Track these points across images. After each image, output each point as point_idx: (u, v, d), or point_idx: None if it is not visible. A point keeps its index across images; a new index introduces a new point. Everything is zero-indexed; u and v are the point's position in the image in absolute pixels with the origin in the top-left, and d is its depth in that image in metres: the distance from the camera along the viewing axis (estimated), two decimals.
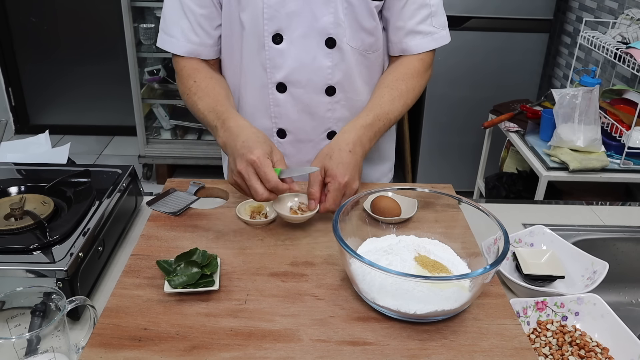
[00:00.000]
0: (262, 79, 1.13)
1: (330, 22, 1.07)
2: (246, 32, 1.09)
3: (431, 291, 0.75)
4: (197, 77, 1.12)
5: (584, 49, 2.63)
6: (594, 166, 1.96)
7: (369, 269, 0.76)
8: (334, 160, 1.00)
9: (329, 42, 1.09)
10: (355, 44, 1.11)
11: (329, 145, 1.04)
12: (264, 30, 1.07)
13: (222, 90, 1.12)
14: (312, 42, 1.08)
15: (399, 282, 0.75)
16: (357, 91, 1.17)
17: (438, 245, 0.92)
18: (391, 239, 0.92)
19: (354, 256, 0.76)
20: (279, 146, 1.19)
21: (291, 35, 1.08)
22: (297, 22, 1.06)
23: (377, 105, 1.10)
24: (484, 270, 0.74)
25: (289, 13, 1.06)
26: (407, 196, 1.01)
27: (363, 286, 0.79)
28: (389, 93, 1.12)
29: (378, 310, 0.80)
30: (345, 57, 1.11)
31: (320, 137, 1.19)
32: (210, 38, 1.13)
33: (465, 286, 0.76)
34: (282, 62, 1.10)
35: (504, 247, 0.78)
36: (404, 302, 0.76)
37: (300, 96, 1.13)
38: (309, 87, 1.12)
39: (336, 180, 0.98)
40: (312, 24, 1.07)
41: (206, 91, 1.10)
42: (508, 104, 2.51)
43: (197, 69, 1.14)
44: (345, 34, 1.09)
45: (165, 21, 1.14)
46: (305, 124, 1.17)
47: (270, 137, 1.17)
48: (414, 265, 0.82)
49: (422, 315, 0.76)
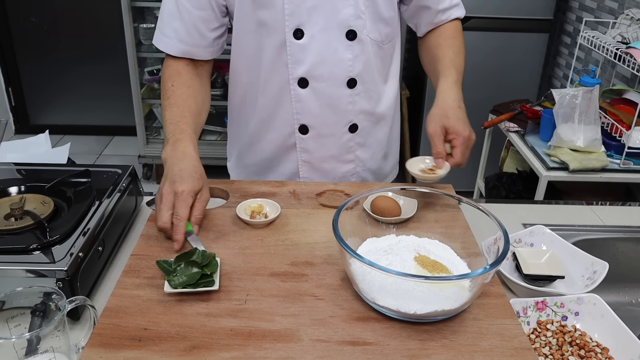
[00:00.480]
0: (283, 76, 1.13)
1: (351, 14, 1.08)
2: (265, 30, 1.10)
3: (431, 291, 0.75)
4: (175, 81, 1.12)
5: (584, 49, 2.63)
6: (594, 166, 1.96)
7: (369, 269, 0.76)
8: (451, 118, 1.07)
9: (350, 34, 1.09)
10: (373, 35, 1.13)
11: (438, 106, 1.10)
12: (285, 26, 1.07)
13: (194, 105, 1.11)
14: (333, 35, 1.09)
15: (399, 282, 0.75)
16: (375, 82, 1.18)
17: (438, 245, 0.92)
18: (391, 239, 0.92)
19: (354, 256, 0.76)
20: (300, 142, 1.19)
21: (312, 30, 1.08)
22: (318, 16, 1.07)
23: (450, 61, 1.17)
24: (484, 270, 0.74)
25: (310, 8, 1.06)
26: (407, 196, 1.01)
27: (363, 286, 0.79)
28: (451, 50, 1.19)
29: (378, 310, 0.80)
30: (365, 49, 1.12)
31: (342, 131, 1.19)
32: (204, 40, 1.13)
33: (465, 286, 0.76)
34: (303, 57, 1.10)
35: (504, 247, 0.78)
36: (404, 302, 0.76)
37: (322, 90, 1.14)
38: (330, 80, 1.13)
39: (460, 136, 1.06)
40: (332, 17, 1.08)
41: (178, 100, 1.09)
42: (508, 104, 2.51)
43: (179, 73, 1.13)
44: (365, 26, 1.10)
45: (162, 20, 1.14)
46: (327, 118, 1.17)
47: (292, 135, 1.18)
48: (414, 265, 0.82)
49: (422, 315, 0.76)
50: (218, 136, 3.29)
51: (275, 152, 1.23)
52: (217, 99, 3.18)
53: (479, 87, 2.85)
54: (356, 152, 1.23)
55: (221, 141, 3.23)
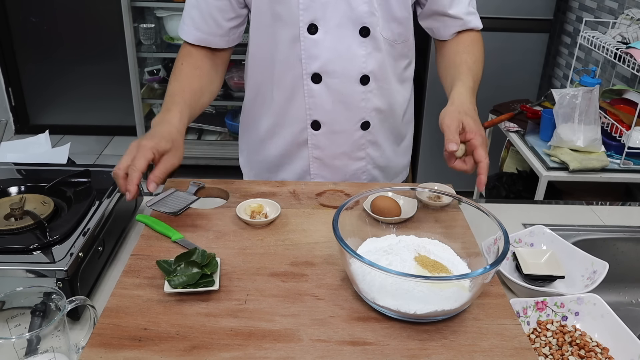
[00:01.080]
0: (297, 71, 1.14)
1: (365, 11, 1.08)
2: (280, 24, 1.11)
3: (431, 291, 0.75)
4: (185, 61, 1.16)
5: (584, 49, 2.63)
6: (594, 166, 1.96)
7: (369, 269, 0.76)
8: (470, 117, 1.02)
9: (363, 31, 1.10)
10: (385, 33, 1.13)
11: (454, 104, 1.06)
12: (299, 21, 1.08)
13: (197, 84, 1.15)
14: (347, 31, 1.10)
15: (399, 282, 0.75)
16: (388, 80, 1.18)
17: (438, 245, 0.91)
18: (391, 239, 0.92)
19: (354, 256, 0.76)
20: (312, 139, 1.20)
21: (326, 25, 1.09)
22: (332, 11, 1.08)
23: (467, 68, 1.16)
24: (484, 270, 0.74)
25: (324, 3, 1.07)
26: (407, 196, 1.01)
27: (363, 286, 0.79)
28: (470, 57, 1.18)
29: (378, 310, 0.80)
30: (379, 46, 1.13)
31: (354, 128, 1.19)
32: (220, 29, 1.16)
33: (465, 286, 0.76)
34: (317, 53, 1.11)
35: (504, 247, 0.78)
36: (404, 302, 0.76)
37: (336, 86, 1.14)
38: (344, 76, 1.13)
39: (479, 135, 1.01)
40: (347, 13, 1.08)
41: (183, 78, 1.14)
42: (508, 104, 2.51)
43: (190, 54, 1.17)
44: (378, 23, 1.11)
45: (185, 10, 1.18)
46: (340, 114, 1.17)
47: (304, 130, 1.19)
48: (414, 266, 0.82)
49: (422, 315, 0.76)
50: (218, 136, 3.29)
51: (287, 148, 1.24)
52: (217, 99, 3.18)
53: (479, 87, 2.85)
54: (367, 150, 1.23)
55: (221, 141, 3.23)
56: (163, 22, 3.21)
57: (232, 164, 1.42)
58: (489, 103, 2.60)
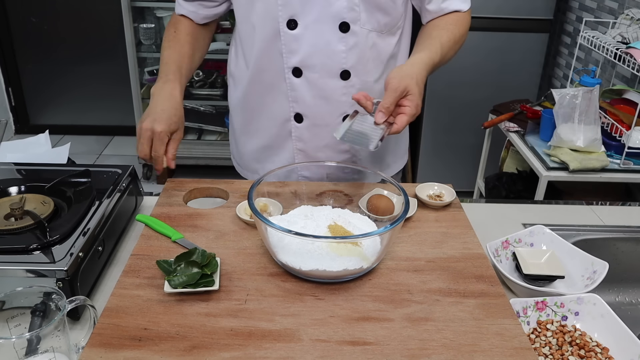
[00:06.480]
0: (279, 64, 1.14)
1: (344, 6, 1.08)
2: (260, 19, 1.12)
3: (328, 254, 0.83)
4: (178, 27, 1.23)
5: (584, 49, 2.63)
6: (594, 166, 1.96)
7: (274, 231, 0.83)
8: (417, 85, 1.00)
9: (343, 26, 1.10)
10: (370, 25, 1.12)
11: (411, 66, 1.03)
12: (279, 16, 1.09)
13: (190, 50, 1.21)
14: (326, 27, 1.10)
15: (301, 242, 0.83)
16: (370, 74, 1.18)
17: (366, 221, 0.97)
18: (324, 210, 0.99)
19: (257, 217, 0.84)
20: (295, 131, 1.21)
21: (305, 21, 1.09)
22: (311, 7, 1.08)
23: (439, 43, 1.13)
24: (369, 234, 0.85)
25: None
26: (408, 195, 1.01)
27: (269, 242, 0.87)
28: (446, 34, 1.16)
29: (285, 269, 0.88)
30: (360, 41, 1.12)
31: (336, 122, 1.19)
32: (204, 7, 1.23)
33: (363, 253, 0.85)
34: (297, 47, 1.11)
35: (405, 207, 0.87)
36: (302, 260, 0.84)
37: (316, 81, 1.14)
38: (323, 71, 1.14)
39: (414, 106, 0.99)
40: (325, 9, 1.08)
41: (177, 45, 1.20)
42: (508, 104, 2.51)
43: (181, 21, 1.23)
44: (359, 18, 1.10)
45: None
46: (321, 108, 1.18)
47: (287, 122, 1.20)
48: (324, 232, 0.91)
49: (322, 275, 0.84)
50: (218, 136, 3.28)
51: (272, 140, 1.25)
52: (217, 99, 3.18)
53: (479, 87, 2.85)
54: None
55: (221, 141, 3.23)
56: (163, 22, 3.21)
57: (232, 164, 1.42)
58: (489, 103, 2.60)
